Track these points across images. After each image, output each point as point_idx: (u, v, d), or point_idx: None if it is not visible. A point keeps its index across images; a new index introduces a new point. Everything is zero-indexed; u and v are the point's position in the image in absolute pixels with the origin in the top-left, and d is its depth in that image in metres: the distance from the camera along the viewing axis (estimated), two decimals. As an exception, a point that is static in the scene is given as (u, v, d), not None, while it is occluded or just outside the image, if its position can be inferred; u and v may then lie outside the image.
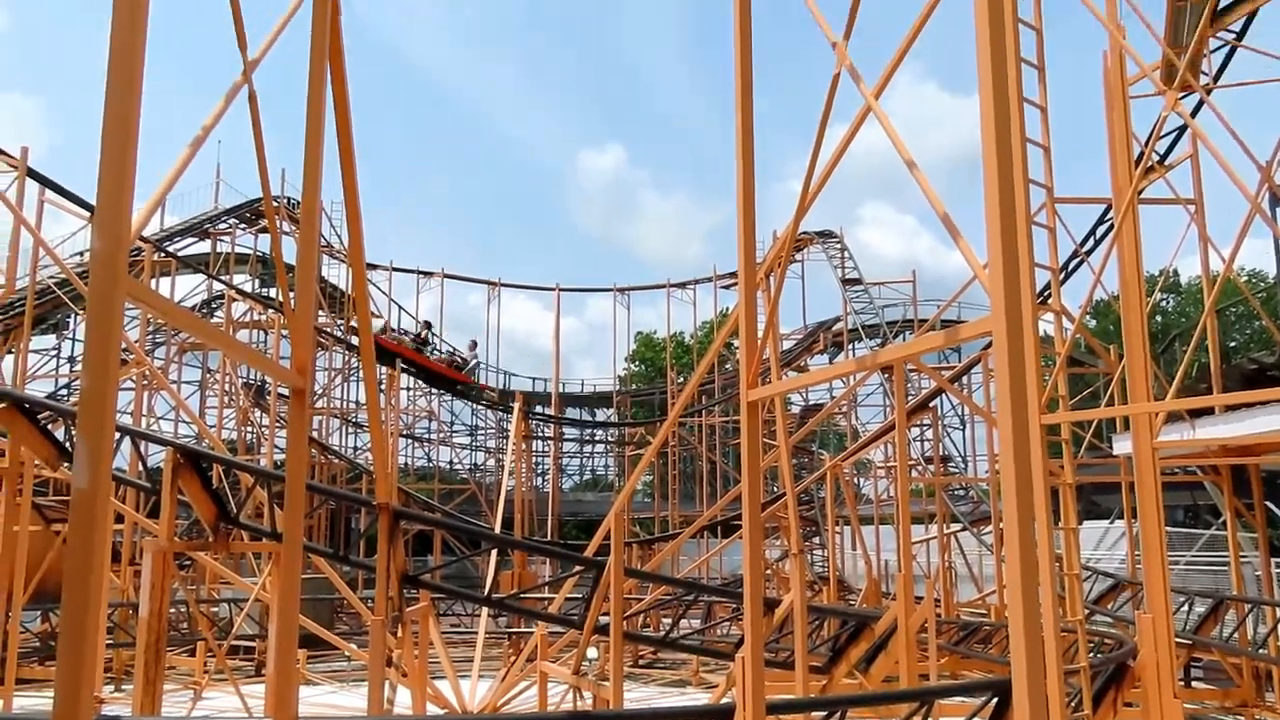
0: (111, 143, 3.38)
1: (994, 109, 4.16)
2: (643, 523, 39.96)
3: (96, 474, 3.33)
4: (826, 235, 41.79)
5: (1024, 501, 3.77)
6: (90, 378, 3.37)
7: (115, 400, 3.54)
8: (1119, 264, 10.91)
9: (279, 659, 5.60)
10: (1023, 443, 3.84)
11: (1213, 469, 17.09)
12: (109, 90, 3.44)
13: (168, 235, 32.74)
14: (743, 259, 5.98)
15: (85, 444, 3.34)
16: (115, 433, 3.66)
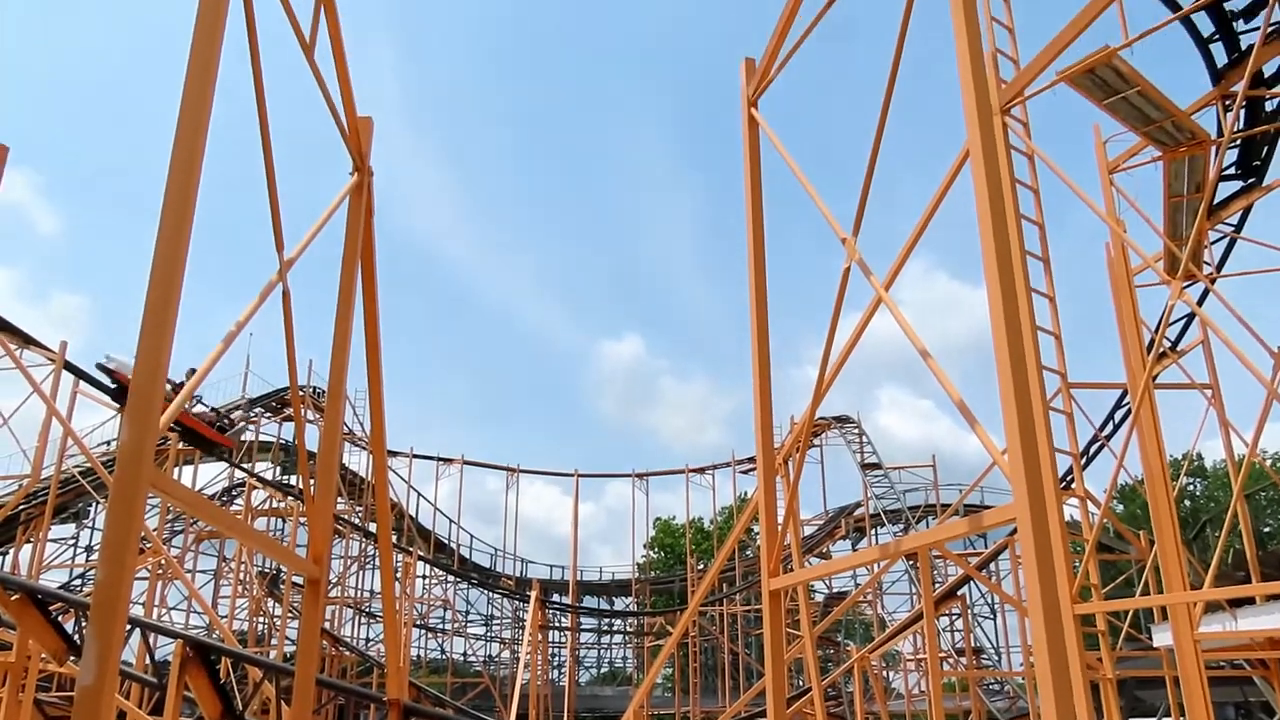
0: (148, 341, 3.52)
1: (1002, 301, 4.28)
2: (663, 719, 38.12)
3: (103, 670, 3.27)
4: (844, 420, 41.91)
5: (1063, 700, 3.60)
6: (106, 569, 3.36)
7: (129, 594, 3.51)
8: (1140, 450, 10.85)
9: None
10: (1056, 634, 3.71)
11: (1260, 663, 16.28)
12: (150, 293, 3.61)
13: (193, 423, 33.18)
14: (760, 445, 5.99)
15: (95, 639, 3.29)
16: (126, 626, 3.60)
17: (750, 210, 7.35)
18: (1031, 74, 10.32)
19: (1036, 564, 3.82)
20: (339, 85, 7.22)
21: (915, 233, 5.87)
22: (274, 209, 5.29)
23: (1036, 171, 11.35)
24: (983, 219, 4.60)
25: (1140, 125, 11.43)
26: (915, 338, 5.08)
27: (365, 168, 7.19)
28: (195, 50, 4.56)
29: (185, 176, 4.02)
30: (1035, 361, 9.50)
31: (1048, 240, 11.14)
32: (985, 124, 4.84)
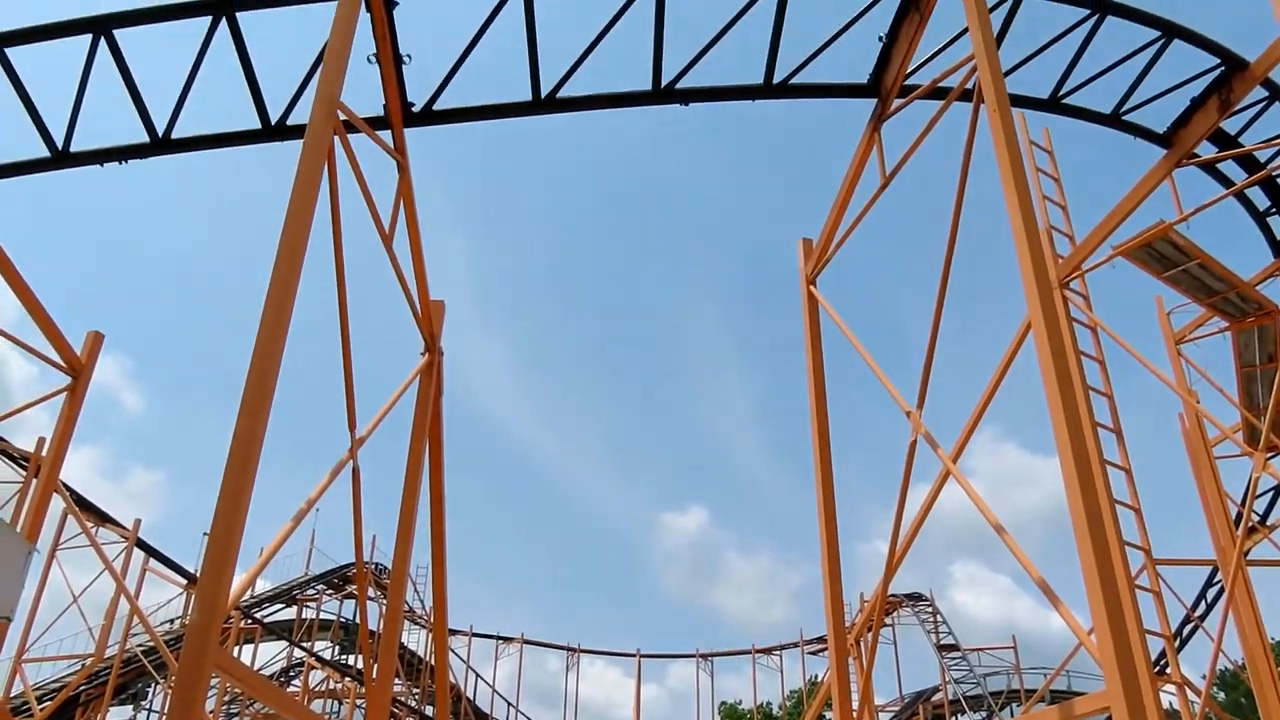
0: (221, 523, 3.58)
1: (1077, 475, 4.17)
2: None
3: None
4: (917, 598, 40.21)
5: None
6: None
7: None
8: (1239, 631, 10.20)
9: None
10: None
11: None
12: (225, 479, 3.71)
13: (257, 601, 33.20)
14: (831, 624, 5.78)
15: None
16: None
17: (813, 385, 7.38)
18: (1087, 249, 10.43)
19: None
20: (414, 271, 7.59)
21: (980, 405, 5.82)
22: (349, 390, 5.47)
23: (1101, 343, 11.27)
24: (1050, 392, 4.55)
25: (1204, 296, 11.37)
26: (988, 511, 4.95)
27: (436, 348, 7.44)
28: (284, 243, 4.86)
29: (266, 367, 4.20)
30: (1116, 537, 9.13)
31: (1119, 411, 10.91)
32: (1045, 298, 4.87)
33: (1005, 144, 5.49)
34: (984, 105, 5.87)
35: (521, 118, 8.39)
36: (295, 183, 5.26)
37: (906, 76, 8.03)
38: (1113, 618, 3.96)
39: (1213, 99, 9.59)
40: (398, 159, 7.63)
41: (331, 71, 5.91)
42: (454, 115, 8.18)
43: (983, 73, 5.94)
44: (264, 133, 8.05)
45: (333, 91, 5.89)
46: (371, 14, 7.03)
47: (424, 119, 8.03)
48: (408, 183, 7.54)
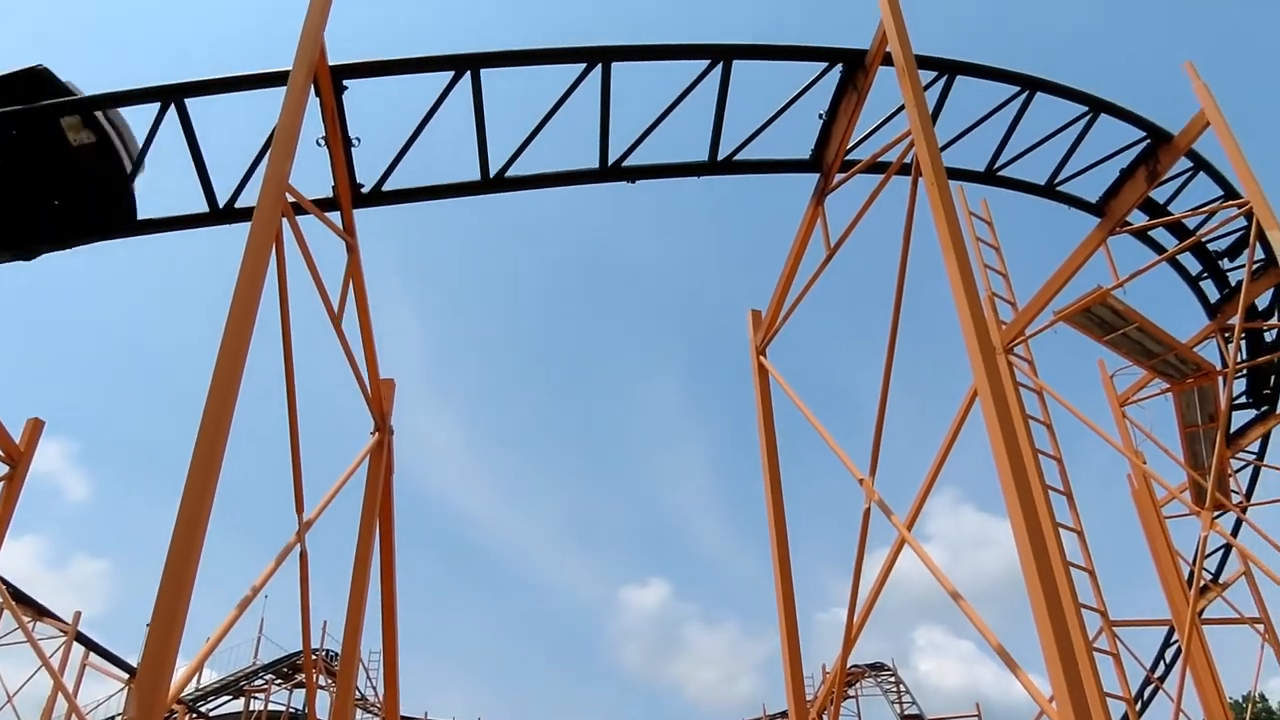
0: (163, 612, 3.47)
1: (1029, 538, 4.20)
2: None
3: None
4: (879, 668, 39.87)
5: None
6: None
7: None
8: (1198, 691, 10.24)
9: None
10: None
11: None
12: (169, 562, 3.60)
13: (202, 694, 31.96)
14: (792, 699, 5.70)
15: None
16: None
17: (765, 454, 7.40)
18: (1029, 315, 10.68)
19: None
20: (364, 350, 7.53)
21: (932, 471, 5.87)
22: (296, 472, 5.36)
23: (1047, 407, 11.47)
24: (998, 455, 4.60)
25: (1144, 359, 11.67)
26: (944, 579, 4.95)
27: (386, 427, 7.35)
28: (230, 326, 4.80)
29: (210, 450, 4.12)
30: (1072, 600, 9.18)
31: (1068, 474, 11.07)
32: (989, 363, 4.96)
33: (944, 216, 5.64)
34: (922, 179, 6.04)
35: (472, 196, 8.46)
36: (243, 265, 5.22)
37: (847, 152, 8.26)
38: (1071, 683, 3.95)
39: (1141, 169, 9.98)
40: (347, 240, 7.64)
41: (280, 154, 5.93)
42: (403, 196, 8.22)
43: (919, 148, 6.13)
44: (212, 216, 8.01)
45: (282, 173, 5.90)
46: (321, 97, 7.10)
47: (373, 200, 8.05)
48: (357, 263, 7.53)
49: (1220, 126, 9.63)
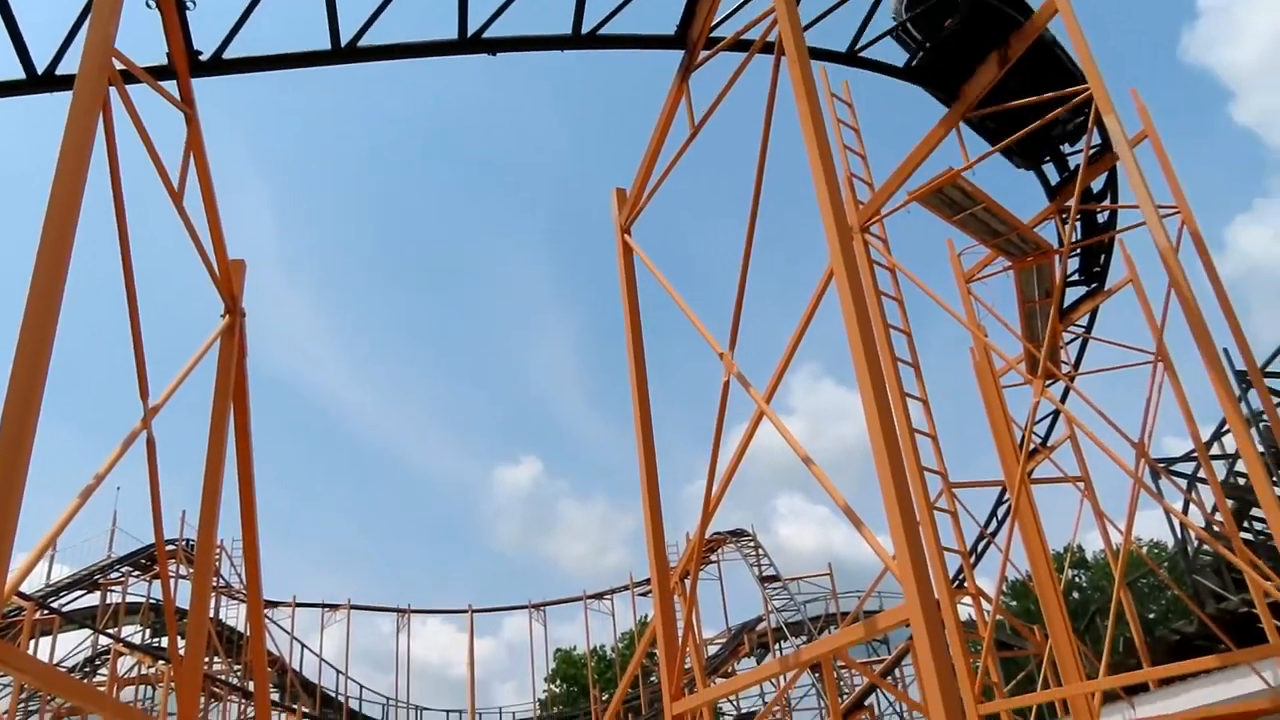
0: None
1: (876, 407, 4.42)
2: None
3: None
4: (739, 534, 41.97)
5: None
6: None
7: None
8: (1024, 545, 11.19)
9: None
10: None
11: (1161, 748, 16.60)
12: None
13: (54, 590, 30.92)
14: (654, 566, 5.93)
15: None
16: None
17: (630, 332, 7.47)
18: (885, 195, 10.98)
19: (934, 665, 3.83)
20: (210, 230, 7.13)
21: (790, 346, 6.05)
22: (139, 356, 5.10)
23: (899, 284, 11.96)
24: (850, 330, 4.78)
25: (989, 238, 12.23)
26: (796, 445, 5.18)
27: (237, 309, 7.04)
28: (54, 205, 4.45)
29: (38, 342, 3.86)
30: (915, 464, 9.78)
31: (916, 348, 11.65)
32: (845, 243, 5.10)
33: (805, 96, 5.66)
34: (785, 58, 6.03)
35: (323, 67, 7.97)
36: (65, 137, 4.79)
37: (712, 29, 8.14)
38: (910, 538, 4.24)
39: (993, 54, 10.24)
40: (185, 110, 7.10)
41: (104, 14, 5.39)
42: (245, 65, 7.65)
43: (782, 26, 6.10)
44: (30, 84, 7.29)
45: (106, 36, 5.38)
46: (145, -52, 6.46)
47: (213, 68, 7.47)
48: (197, 135, 7.04)
49: (1067, 13, 9.93)
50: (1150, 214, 9.24)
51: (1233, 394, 9.03)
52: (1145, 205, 9.42)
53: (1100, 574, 53.35)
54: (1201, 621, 16.19)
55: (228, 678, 32.13)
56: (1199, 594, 18.61)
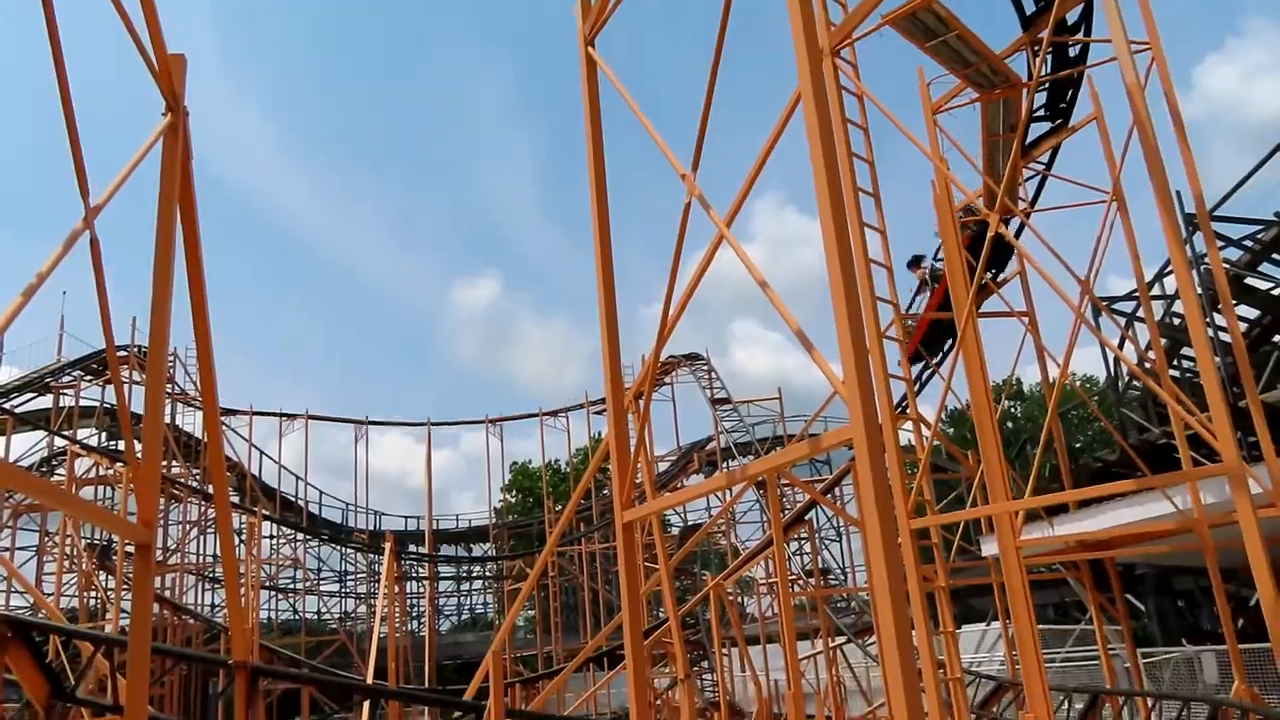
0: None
1: (835, 234, 4.41)
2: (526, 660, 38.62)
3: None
4: (694, 358, 42.81)
5: (898, 605, 3.83)
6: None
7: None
8: (966, 375, 11.53)
9: None
10: (893, 546, 3.93)
11: (1074, 565, 17.85)
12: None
13: (4, 391, 30.83)
14: (609, 383, 6.04)
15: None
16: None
17: (591, 149, 7.29)
18: (858, 17, 10.59)
19: (873, 482, 4.01)
20: (146, 21, 6.69)
21: (754, 170, 5.97)
22: (76, 153, 4.88)
23: (866, 112, 11.73)
24: (815, 156, 4.71)
25: (959, 68, 11.95)
26: (753, 268, 5.20)
27: (180, 107, 6.71)
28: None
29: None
30: (869, 292, 9.90)
31: (878, 177, 11.56)
32: (815, 65, 4.94)
33: (784, -104, 5.33)
34: None
35: None
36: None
37: None
38: (859, 362, 4.34)
39: None
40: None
41: None
42: None
43: None
44: None
45: None
46: None
47: None
48: (127, -90, 6.48)
49: None
50: (1122, 48, 9.05)
51: (1179, 235, 9.17)
52: (1118, 39, 9.21)
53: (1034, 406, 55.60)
54: (1123, 451, 17.08)
55: (188, 481, 32.78)
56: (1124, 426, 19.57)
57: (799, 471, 32.15)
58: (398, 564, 29.04)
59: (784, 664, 12.73)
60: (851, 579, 35.60)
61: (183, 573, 32.65)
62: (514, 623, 21.55)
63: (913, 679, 3.76)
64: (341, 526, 43.81)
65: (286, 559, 38.45)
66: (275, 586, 38.68)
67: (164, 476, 29.59)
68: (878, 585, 3.95)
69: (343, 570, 43.16)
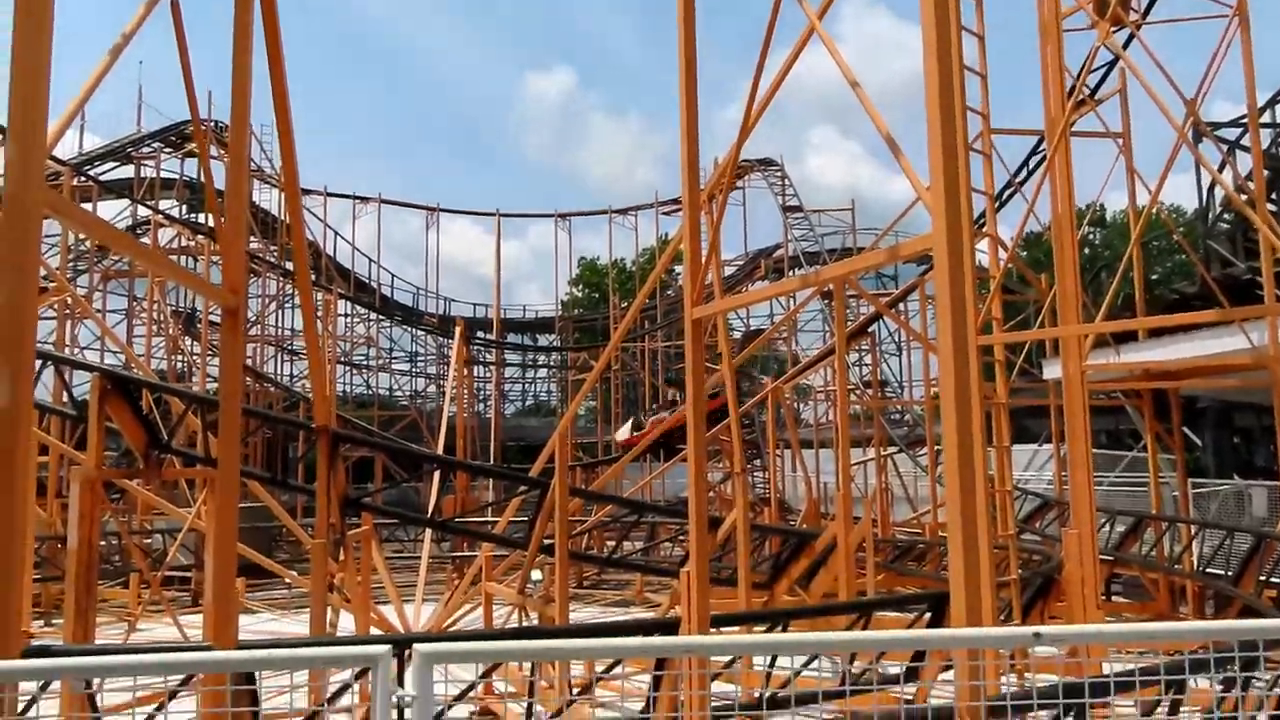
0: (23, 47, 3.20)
1: (934, 32, 4.15)
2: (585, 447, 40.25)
3: (18, 392, 3.22)
4: (768, 163, 41.72)
5: (963, 412, 3.85)
6: (7, 291, 3.23)
7: (35, 313, 3.41)
8: (1051, 194, 11.09)
9: (217, 582, 5.57)
10: (962, 356, 3.92)
11: (1135, 394, 17.72)
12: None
13: (87, 159, 31.46)
14: (686, 179, 5.93)
15: (4, 360, 3.22)
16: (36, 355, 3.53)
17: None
18: None
19: (949, 293, 3.96)
20: None
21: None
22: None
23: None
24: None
25: None
26: (845, 66, 4.95)
27: None
28: None
29: None
30: (961, 100, 9.43)
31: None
32: None
33: None
34: None
35: None
36: None
37: None
38: (948, 170, 4.19)
39: None
40: None
41: None
42: None
43: None
44: None
45: None
46: None
47: None
48: None
49: None
50: None
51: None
52: None
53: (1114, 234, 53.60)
54: (1202, 285, 16.52)
55: (264, 256, 33.67)
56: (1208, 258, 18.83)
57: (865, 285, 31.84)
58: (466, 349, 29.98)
59: (834, 468, 13.08)
60: (908, 392, 35.89)
61: (262, 344, 34.15)
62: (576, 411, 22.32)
63: (970, 483, 3.82)
64: (412, 309, 45.04)
65: (360, 337, 39.92)
66: (350, 362, 40.36)
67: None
68: (945, 390, 3.97)
69: (413, 351, 44.76)
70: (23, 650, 3.99)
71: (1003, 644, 3.44)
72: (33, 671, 2.72)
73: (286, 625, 15.34)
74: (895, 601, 9.48)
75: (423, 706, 2.59)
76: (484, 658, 4.68)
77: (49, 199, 3.36)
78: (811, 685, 7.25)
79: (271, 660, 3.03)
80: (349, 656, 3.37)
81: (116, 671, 2.57)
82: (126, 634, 13.80)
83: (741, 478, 11.38)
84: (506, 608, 12.55)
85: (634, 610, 17.57)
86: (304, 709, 7.22)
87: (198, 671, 3.37)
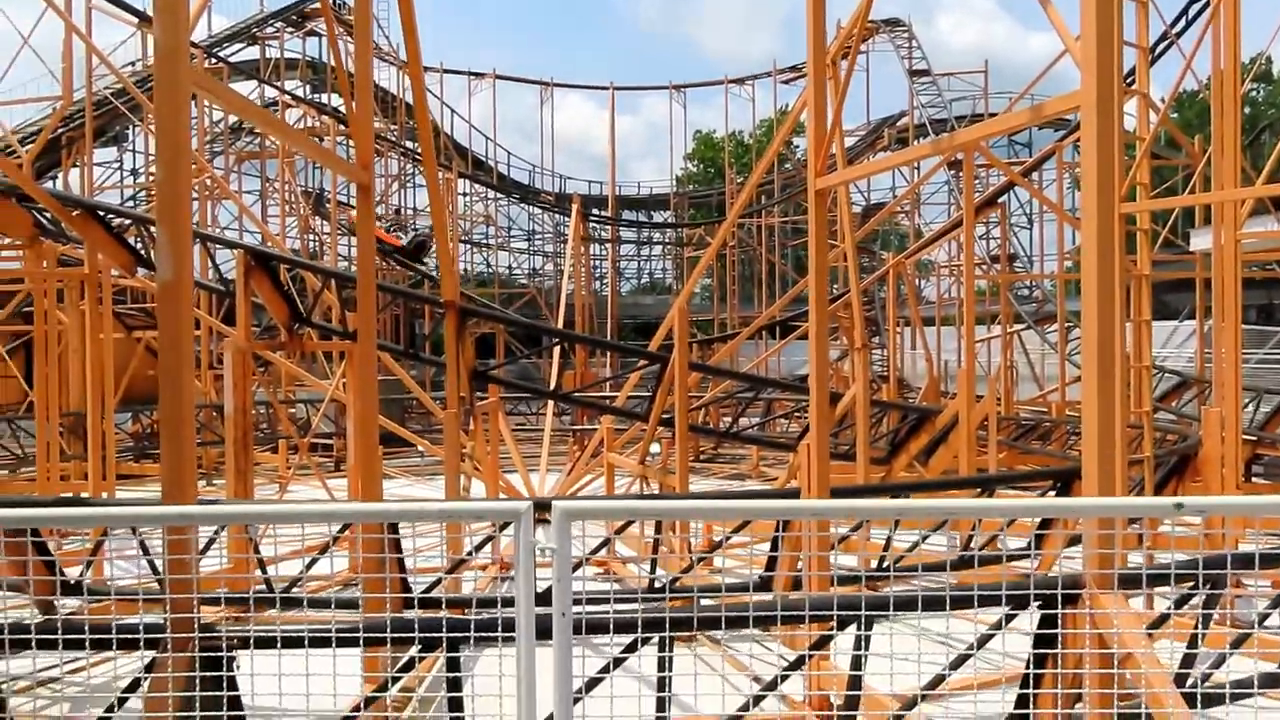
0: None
1: None
2: (701, 325, 40.34)
3: (179, 265, 3.42)
4: (894, 24, 39.48)
5: (1105, 285, 3.68)
6: (165, 171, 3.40)
7: (189, 190, 3.59)
8: (1213, 46, 10.18)
9: (360, 447, 5.91)
10: (1107, 226, 3.72)
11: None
12: None
13: (216, 41, 32.18)
14: (811, 37, 5.68)
15: (166, 235, 3.41)
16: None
17: None
18: None
19: (1097, 153, 3.73)
20: None
21: None
22: None
23: None
24: None
25: None
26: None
27: None
28: None
29: None
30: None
31: None
32: None
33: None
34: None
35: None
36: None
37: None
38: (1101, 17, 3.89)
39: None
40: None
41: None
42: None
43: None
44: None
45: None
46: None
47: None
48: None
49: None
50: None
51: None
52: None
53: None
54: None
55: (385, 135, 34.19)
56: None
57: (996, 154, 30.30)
58: (583, 226, 30.11)
59: (956, 345, 12.78)
60: (1040, 266, 34.43)
61: (387, 223, 35.04)
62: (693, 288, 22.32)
63: (1109, 350, 3.67)
64: (529, 187, 45.33)
65: (479, 216, 40.51)
66: (470, 240, 41.13)
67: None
68: (1086, 263, 3.79)
69: (530, 230, 45.27)
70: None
71: (1141, 512, 3.36)
72: (212, 516, 2.98)
73: (420, 489, 16.21)
74: (1020, 477, 9.34)
75: (561, 558, 2.74)
76: (619, 515, 4.99)
77: (196, 78, 3.48)
78: (930, 559, 7.29)
79: (426, 513, 3.24)
80: (494, 510, 3.60)
81: (285, 518, 2.79)
82: (280, 494, 14.84)
83: (863, 351, 11.24)
84: (627, 478, 12.93)
85: (750, 483, 17.84)
86: (439, 566, 7.69)
87: (358, 520, 3.63)
